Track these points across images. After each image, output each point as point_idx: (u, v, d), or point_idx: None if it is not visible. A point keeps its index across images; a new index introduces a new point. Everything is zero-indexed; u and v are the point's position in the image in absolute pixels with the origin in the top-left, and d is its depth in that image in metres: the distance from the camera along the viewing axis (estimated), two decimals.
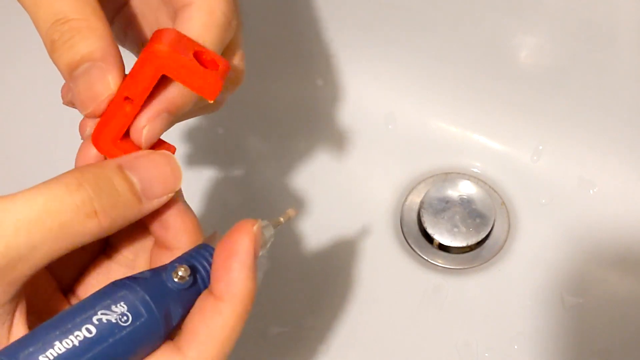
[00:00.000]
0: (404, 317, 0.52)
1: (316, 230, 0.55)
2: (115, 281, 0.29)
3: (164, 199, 0.30)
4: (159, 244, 0.32)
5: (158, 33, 0.31)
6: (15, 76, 0.55)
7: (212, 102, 0.31)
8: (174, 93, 0.31)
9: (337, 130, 0.57)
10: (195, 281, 0.30)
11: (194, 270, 0.30)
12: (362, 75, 0.57)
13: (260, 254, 0.30)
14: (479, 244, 0.53)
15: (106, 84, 0.30)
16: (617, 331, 0.50)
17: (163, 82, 0.31)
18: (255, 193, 0.56)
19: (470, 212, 0.53)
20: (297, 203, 0.55)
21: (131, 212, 0.29)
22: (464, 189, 0.54)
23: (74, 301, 0.32)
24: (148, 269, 0.31)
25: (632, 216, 0.53)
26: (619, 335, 0.50)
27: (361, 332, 0.52)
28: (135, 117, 0.31)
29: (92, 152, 0.32)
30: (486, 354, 0.50)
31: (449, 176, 0.55)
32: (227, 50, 0.34)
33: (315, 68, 0.58)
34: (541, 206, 0.54)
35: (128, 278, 0.29)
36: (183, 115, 0.33)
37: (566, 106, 0.54)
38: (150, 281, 0.29)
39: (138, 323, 0.28)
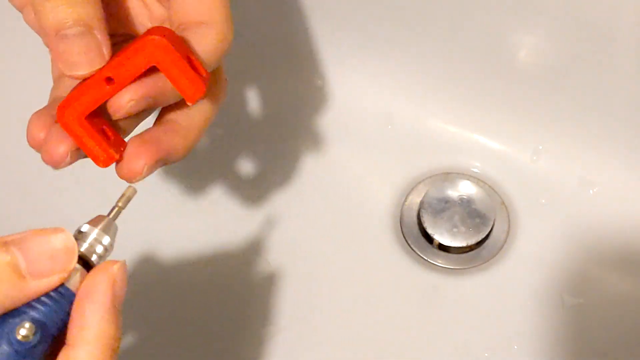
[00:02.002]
0: (404, 317, 0.52)
1: (315, 230, 0.55)
2: None
3: (56, 278, 0.28)
4: None
5: (156, 28, 0.32)
6: (16, 76, 0.55)
7: (190, 104, 0.32)
8: (161, 83, 0.32)
9: (337, 131, 0.57)
10: (45, 334, 0.27)
11: (41, 325, 0.27)
12: (362, 76, 0.57)
13: (106, 248, 0.29)
14: (479, 244, 0.53)
15: (102, 55, 0.31)
16: (617, 331, 0.50)
17: (149, 73, 0.31)
18: (254, 193, 0.56)
19: (470, 212, 0.53)
20: (296, 202, 0.55)
21: (13, 290, 0.27)
22: (464, 189, 0.54)
23: None
24: None
25: (632, 216, 0.53)
26: (618, 335, 0.50)
27: (361, 332, 0.52)
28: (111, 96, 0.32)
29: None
30: (486, 354, 0.50)
31: (449, 176, 0.55)
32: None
33: (315, 68, 0.58)
34: (541, 206, 0.54)
35: None
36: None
37: (566, 106, 0.54)
38: None
39: None
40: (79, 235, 0.29)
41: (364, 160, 0.57)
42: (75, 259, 0.28)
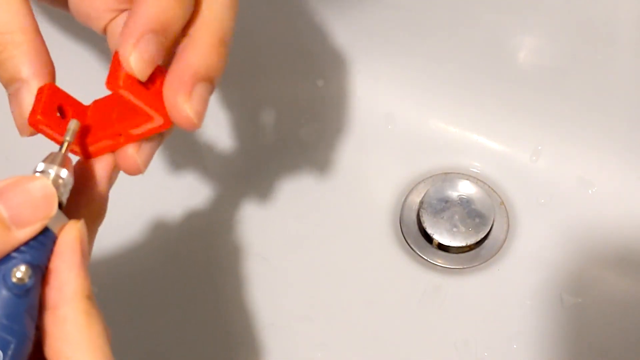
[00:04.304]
0: (404, 317, 0.52)
1: (315, 229, 0.55)
2: None
3: (38, 226, 0.28)
4: None
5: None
6: None
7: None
8: (153, 9, 0.29)
9: (337, 130, 0.57)
10: (39, 276, 0.28)
11: (34, 267, 0.27)
12: (362, 76, 0.57)
13: (67, 182, 0.29)
14: (478, 243, 0.53)
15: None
16: (616, 330, 0.51)
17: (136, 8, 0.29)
18: (253, 192, 0.56)
19: (469, 212, 0.53)
20: (297, 202, 0.56)
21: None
22: (463, 188, 0.54)
23: None
24: None
25: (631, 216, 0.53)
26: (617, 335, 0.50)
27: (360, 332, 0.52)
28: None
29: None
30: (485, 353, 0.51)
31: (449, 176, 0.56)
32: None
33: (316, 68, 0.58)
34: (540, 206, 0.54)
35: None
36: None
37: (565, 106, 0.54)
38: None
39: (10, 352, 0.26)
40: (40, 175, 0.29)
41: (364, 160, 0.57)
42: (56, 204, 0.28)
